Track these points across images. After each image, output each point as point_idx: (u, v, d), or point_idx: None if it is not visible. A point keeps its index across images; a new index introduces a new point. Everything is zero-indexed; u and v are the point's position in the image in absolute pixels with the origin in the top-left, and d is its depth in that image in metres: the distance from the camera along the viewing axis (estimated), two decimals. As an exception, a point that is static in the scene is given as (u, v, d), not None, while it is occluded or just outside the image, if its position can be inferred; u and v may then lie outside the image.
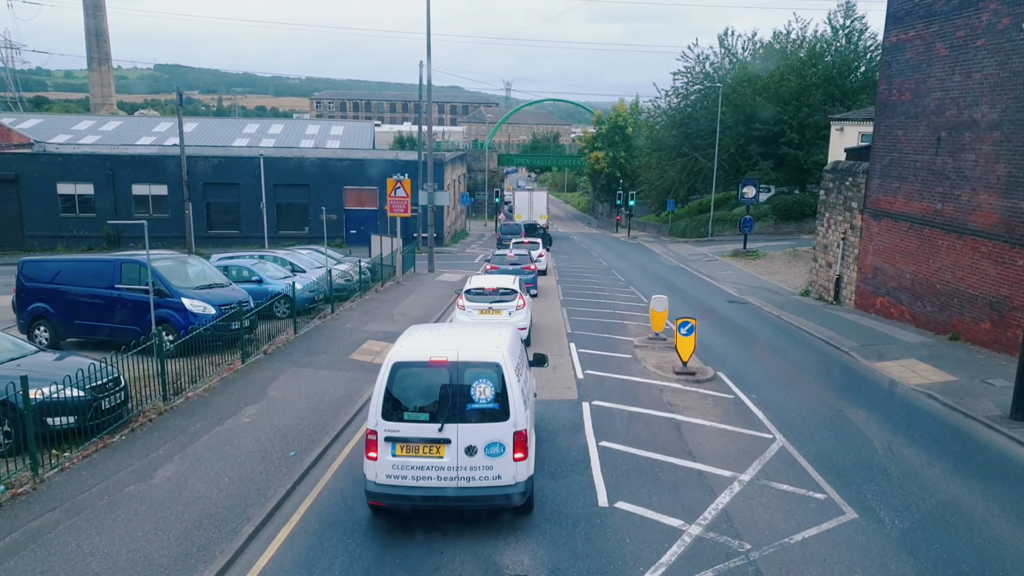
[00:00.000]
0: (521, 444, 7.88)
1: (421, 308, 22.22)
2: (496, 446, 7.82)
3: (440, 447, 7.82)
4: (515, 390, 7.93)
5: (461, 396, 7.86)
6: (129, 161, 42.84)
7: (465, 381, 7.89)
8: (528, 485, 8.09)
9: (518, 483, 7.91)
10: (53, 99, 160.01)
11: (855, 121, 38.54)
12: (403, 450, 7.85)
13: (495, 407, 7.85)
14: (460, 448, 7.80)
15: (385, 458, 7.86)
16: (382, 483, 7.89)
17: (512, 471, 7.87)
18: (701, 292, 28.51)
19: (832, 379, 15.40)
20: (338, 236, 44.68)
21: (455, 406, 7.84)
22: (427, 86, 32.25)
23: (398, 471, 7.85)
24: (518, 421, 7.87)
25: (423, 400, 7.98)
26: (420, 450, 7.84)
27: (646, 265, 38.81)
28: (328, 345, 16.77)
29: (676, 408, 12.73)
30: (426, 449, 7.84)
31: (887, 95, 21.33)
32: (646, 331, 19.20)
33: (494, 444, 7.81)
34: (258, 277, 20.75)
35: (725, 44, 57.99)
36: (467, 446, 7.80)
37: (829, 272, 24.98)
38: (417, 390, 8.04)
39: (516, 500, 7.97)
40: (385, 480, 7.88)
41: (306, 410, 12.15)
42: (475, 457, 7.82)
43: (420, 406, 7.95)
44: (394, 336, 18.33)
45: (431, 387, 8.00)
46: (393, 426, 7.85)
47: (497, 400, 7.86)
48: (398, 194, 26.53)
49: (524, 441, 7.92)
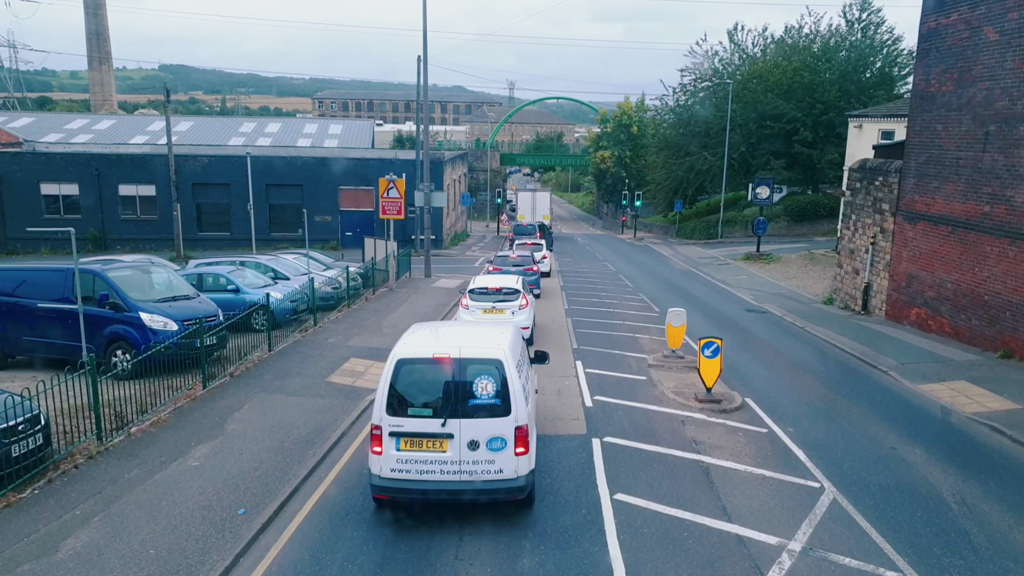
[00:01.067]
0: (522, 439, 8.02)
1: (413, 319, 20.35)
2: (498, 441, 7.96)
3: (443, 442, 7.96)
4: (516, 386, 8.06)
5: (463, 392, 8.00)
6: (115, 160, 41.07)
7: (467, 377, 8.03)
8: (529, 479, 8.20)
9: (519, 477, 8.04)
10: (57, 99, 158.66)
11: (875, 118, 36.60)
12: (407, 445, 7.99)
13: (497, 403, 7.99)
14: (463, 443, 7.94)
15: (389, 452, 7.99)
16: (386, 477, 8.03)
17: (514, 465, 8.00)
18: (716, 299, 26.64)
19: (875, 405, 13.52)
20: (333, 239, 42.94)
21: (458, 402, 7.98)
22: (424, 84, 30.47)
23: (402, 465, 7.99)
24: (519, 416, 8.00)
25: (426, 396, 8.13)
26: (424, 444, 7.98)
27: (655, 269, 36.94)
28: (304, 365, 14.95)
29: (703, 447, 10.87)
30: (429, 444, 7.97)
31: (924, 86, 19.44)
32: (661, 347, 17.36)
33: (496, 439, 7.96)
34: (234, 286, 18.96)
35: (735, 39, 56.16)
36: (469, 441, 7.94)
37: (856, 279, 23.08)
38: (420, 386, 8.18)
39: (518, 494, 8.10)
40: (389, 474, 8.01)
41: (267, 449, 10.34)
42: (477, 451, 7.95)
43: (423, 402, 8.08)
44: (381, 353, 16.52)
45: (434, 383, 8.13)
46: (397, 421, 7.99)
47: (499, 396, 7.99)
48: (391, 195, 24.69)
49: (525, 436, 8.07)
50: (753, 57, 55.27)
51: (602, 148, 71.96)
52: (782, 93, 48.78)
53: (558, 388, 13.76)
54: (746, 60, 55.47)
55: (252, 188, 37.62)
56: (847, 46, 50.50)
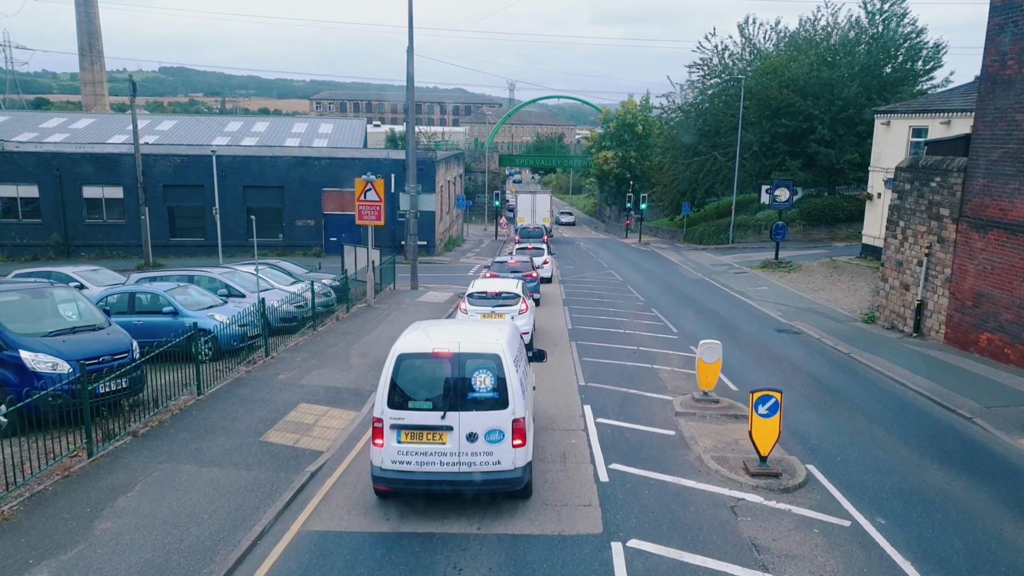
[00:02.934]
0: (520, 431, 8.16)
1: (388, 344, 17.19)
2: (496, 433, 8.12)
3: (443, 434, 8.12)
4: (514, 380, 8.21)
5: (462, 386, 8.17)
6: (79, 160, 37.83)
7: (466, 372, 8.19)
8: (527, 470, 8.35)
9: (517, 468, 8.18)
10: (55, 101, 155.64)
11: (905, 114, 33.42)
12: (407, 437, 8.14)
13: (495, 396, 8.16)
14: (462, 435, 8.10)
15: (390, 444, 8.13)
16: (387, 468, 8.15)
17: (511, 457, 8.15)
18: (739, 316, 23.46)
19: (977, 474, 10.31)
20: (316, 244, 39.82)
21: (457, 395, 8.15)
22: (410, 75, 27.34)
23: (403, 456, 8.14)
24: (516, 409, 8.15)
25: (426, 390, 8.26)
26: (424, 437, 8.14)
27: (665, 279, 33.72)
28: (238, 414, 11.76)
29: (769, 557, 7.66)
30: (429, 436, 8.14)
31: (998, 67, 16.27)
32: (687, 383, 14.20)
33: (494, 431, 8.12)
34: (172, 307, 15.77)
35: (746, 33, 52.94)
36: (468, 433, 8.10)
37: (905, 296, 19.89)
38: (421, 380, 8.32)
39: (515, 484, 8.26)
40: (390, 465, 8.14)
41: (143, 567, 7.14)
42: (476, 443, 8.12)
43: (423, 395, 8.23)
44: (341, 395, 13.38)
45: (434, 377, 8.27)
46: (398, 414, 8.15)
47: (497, 390, 8.16)
48: (369, 197, 21.49)
49: (522, 428, 8.18)
50: (766, 52, 52.09)
51: (605, 148, 68.74)
52: (798, 89, 45.62)
53: (562, 450, 10.57)
54: (758, 55, 52.30)
55: (219, 190, 34.45)
56: (867, 39, 47.33)
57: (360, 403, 12.83)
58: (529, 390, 9.60)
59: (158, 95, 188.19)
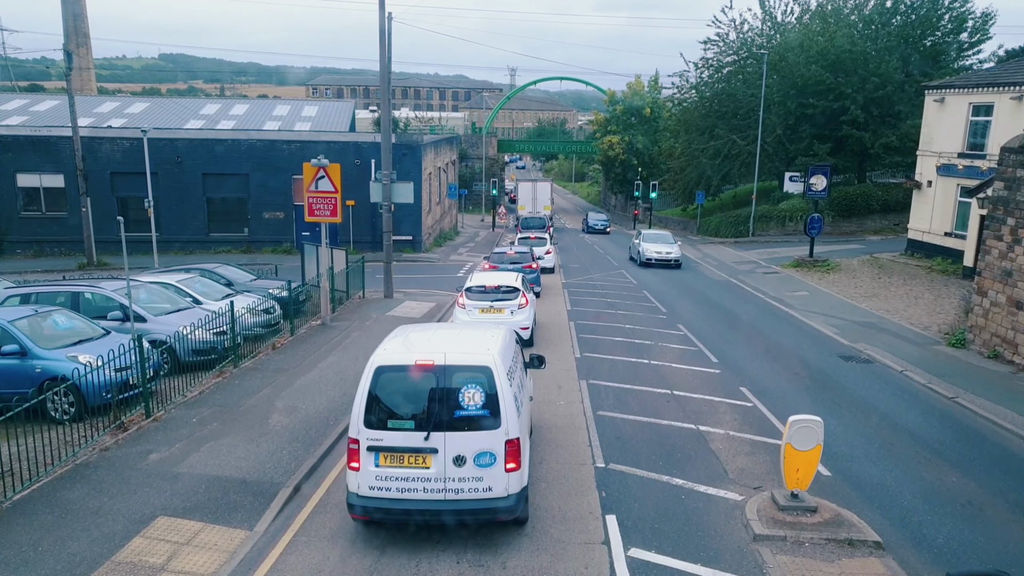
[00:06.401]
0: (514, 454, 7.38)
1: (337, 388, 12.58)
2: (486, 456, 7.32)
3: (426, 457, 7.33)
4: (507, 396, 7.44)
5: (449, 402, 7.37)
6: (12, 143, 33.04)
7: (453, 386, 7.41)
8: (521, 497, 7.53)
9: (510, 495, 7.39)
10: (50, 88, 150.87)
11: (963, 88, 28.67)
12: (387, 460, 7.35)
13: (485, 414, 7.36)
14: (448, 458, 7.30)
15: (367, 468, 7.34)
16: (364, 495, 7.36)
17: (504, 483, 7.36)
18: (784, 334, 18.85)
19: None
20: (286, 240, 35.08)
21: (442, 413, 7.35)
22: (387, 44, 22.67)
23: (381, 482, 7.33)
24: (510, 429, 7.36)
25: (408, 407, 7.51)
26: (405, 460, 7.35)
27: (685, 280, 29.05)
28: (36, 551, 7.18)
29: None
30: (411, 459, 7.34)
31: None
32: (750, 457, 9.66)
33: (484, 454, 7.32)
34: (16, 347, 11.14)
35: (766, 6, 47.87)
36: (455, 456, 7.31)
37: (1016, 317, 15.25)
38: (402, 396, 7.56)
39: (507, 514, 7.46)
40: (368, 492, 7.35)
41: None
42: (464, 468, 7.32)
43: (405, 413, 7.45)
44: (233, 491, 7.49)
45: (417, 392, 7.49)
46: (376, 435, 7.34)
47: (487, 407, 7.36)
48: (321, 187, 16.87)
49: (517, 450, 7.42)
50: (787, 26, 47.12)
51: (610, 133, 63.90)
52: (828, 65, 40.78)
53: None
54: (779, 28, 47.34)
55: (170, 178, 29.80)
56: (904, 8, 42.39)
57: (260, 508, 8.23)
58: (525, 403, 8.79)
59: (157, 82, 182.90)
